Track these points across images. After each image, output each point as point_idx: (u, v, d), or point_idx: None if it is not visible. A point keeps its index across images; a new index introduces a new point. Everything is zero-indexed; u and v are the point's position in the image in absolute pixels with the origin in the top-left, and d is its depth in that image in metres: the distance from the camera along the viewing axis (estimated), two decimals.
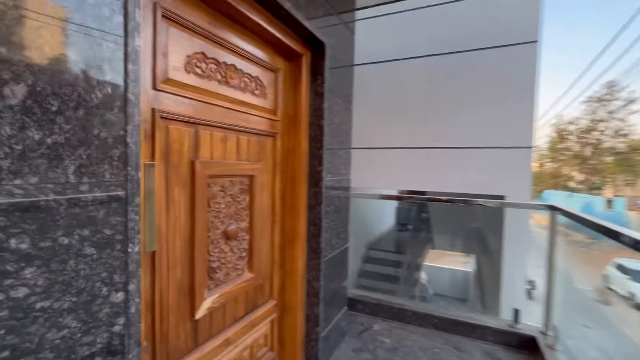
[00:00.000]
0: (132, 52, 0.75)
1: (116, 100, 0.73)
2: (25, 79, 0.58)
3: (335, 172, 1.99)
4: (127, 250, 0.76)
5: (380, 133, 3.29)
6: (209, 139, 1.25)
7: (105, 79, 0.71)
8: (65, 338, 0.66)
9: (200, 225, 1.21)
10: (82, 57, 0.66)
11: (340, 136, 2.03)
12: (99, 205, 0.70)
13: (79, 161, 0.66)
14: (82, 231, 0.68)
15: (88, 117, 0.68)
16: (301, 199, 1.78)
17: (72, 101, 0.65)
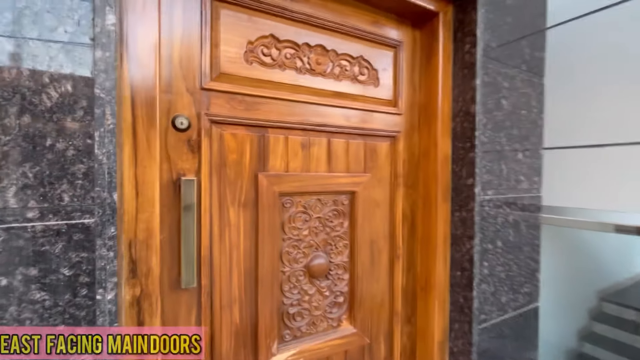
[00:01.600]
0: (100, 35, 0.56)
1: (79, 100, 0.56)
2: None
3: (505, 185, 1.24)
4: (94, 297, 0.57)
5: (605, 120, 1.95)
6: (283, 146, 0.96)
7: (62, 72, 0.54)
8: None
9: (268, 256, 0.93)
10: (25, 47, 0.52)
11: (516, 128, 1.26)
12: (53, 237, 0.54)
13: (22, 181, 0.52)
14: (28, 270, 0.53)
15: (36, 125, 0.53)
16: (439, 227, 1.18)
17: (13, 105, 0.51)
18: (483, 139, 1.14)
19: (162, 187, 0.79)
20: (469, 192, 1.14)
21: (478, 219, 1.13)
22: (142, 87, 0.68)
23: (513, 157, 1.25)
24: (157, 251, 0.71)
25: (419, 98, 1.23)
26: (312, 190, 1.01)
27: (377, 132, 1.13)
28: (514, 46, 1.24)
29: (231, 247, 0.89)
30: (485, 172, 1.16)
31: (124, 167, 0.67)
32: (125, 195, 0.67)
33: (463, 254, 1.16)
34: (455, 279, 1.20)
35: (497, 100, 1.19)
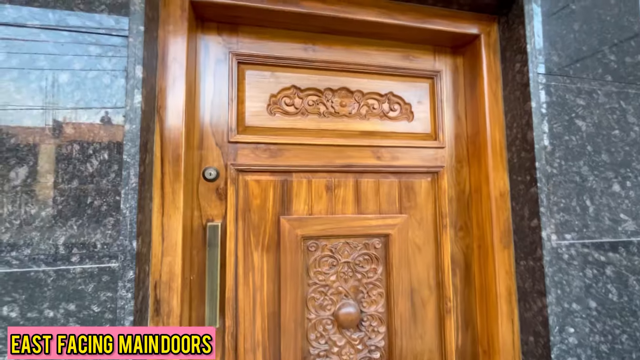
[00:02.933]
0: (129, 112, 0.70)
1: (112, 166, 0.69)
2: (27, 161, 0.66)
3: (595, 227, 0.96)
4: None
5: None
6: (306, 189, 0.97)
7: (102, 143, 0.69)
8: None
9: (292, 301, 0.92)
10: (77, 131, 0.68)
11: (605, 153, 1.00)
12: (88, 278, 0.66)
13: (69, 232, 0.66)
14: (68, 305, 0.65)
15: (82, 187, 0.67)
16: (500, 278, 0.98)
17: (67, 174, 0.67)
18: (549, 170, 0.94)
19: (192, 232, 0.88)
20: (534, 236, 0.93)
21: (551, 270, 0.90)
22: (170, 148, 0.81)
23: (605, 190, 0.98)
24: (178, 292, 0.79)
25: (465, 128, 1.10)
26: (338, 234, 0.98)
27: (413, 168, 1.04)
28: (589, 55, 1.02)
29: (255, 290, 0.92)
30: (559, 210, 0.93)
31: (154, 215, 0.79)
32: (153, 242, 0.78)
33: (534, 314, 0.93)
34: (528, 346, 0.95)
35: (569, 122, 0.97)
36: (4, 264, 0.63)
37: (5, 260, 0.63)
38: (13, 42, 0.67)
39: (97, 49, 0.71)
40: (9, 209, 0.64)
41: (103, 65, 0.71)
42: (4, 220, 0.64)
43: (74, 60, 0.69)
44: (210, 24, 0.95)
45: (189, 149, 0.87)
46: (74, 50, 0.70)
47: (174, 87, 0.82)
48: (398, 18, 0.98)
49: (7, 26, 0.67)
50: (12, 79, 0.66)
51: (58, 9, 0.69)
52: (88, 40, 0.71)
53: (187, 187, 0.85)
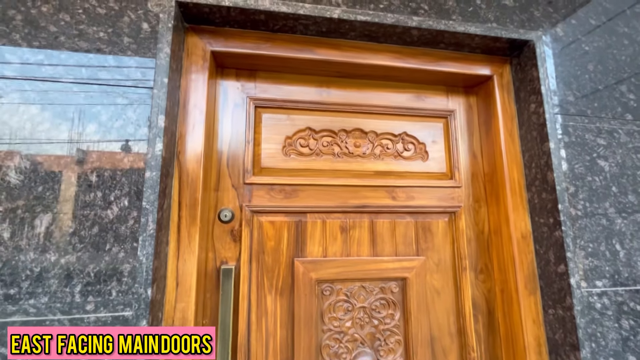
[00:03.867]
0: (151, 159, 0.72)
1: (132, 212, 0.70)
2: (52, 208, 0.68)
3: (628, 273, 0.91)
4: None
5: None
6: (320, 230, 0.96)
7: (123, 190, 0.71)
8: None
9: (306, 348, 0.89)
10: (101, 178, 0.70)
11: (632, 194, 0.96)
12: (101, 327, 0.65)
13: (86, 279, 0.67)
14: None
15: (101, 233, 0.68)
16: (527, 327, 0.92)
17: (88, 220, 0.68)
18: (574, 212, 0.90)
19: (206, 274, 0.88)
20: (562, 283, 0.87)
21: (584, 320, 0.84)
22: (188, 192, 0.82)
23: (635, 233, 0.93)
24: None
25: (482, 167, 1.08)
26: (353, 277, 0.95)
27: (429, 208, 1.02)
28: (607, 95, 1.01)
29: (267, 336, 0.89)
30: (587, 255, 0.89)
31: (169, 261, 0.79)
32: (167, 287, 0.78)
33: None
34: None
35: (591, 162, 0.95)
36: (22, 313, 0.63)
37: (23, 308, 0.64)
38: (48, 94, 0.72)
39: (124, 100, 0.75)
40: (31, 256, 0.65)
41: (128, 115, 0.74)
42: (25, 268, 0.65)
43: (102, 111, 0.73)
44: (230, 70, 0.99)
45: (206, 191, 0.88)
46: (102, 101, 0.74)
47: (194, 132, 0.85)
48: (410, 62, 1.01)
49: (44, 81, 0.72)
50: (44, 130, 0.70)
51: (91, 66, 0.74)
52: (116, 92, 0.75)
53: (203, 229, 0.85)
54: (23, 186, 0.67)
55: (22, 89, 0.70)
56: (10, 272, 0.64)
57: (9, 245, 0.65)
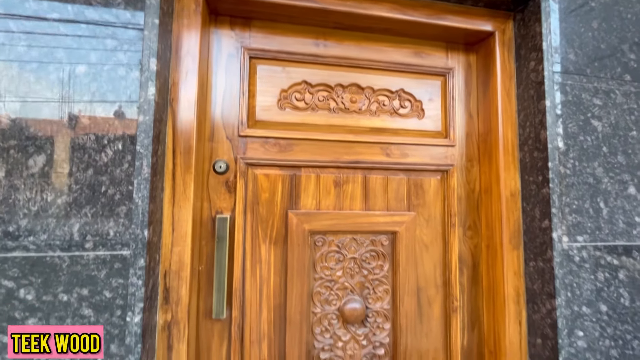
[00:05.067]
0: (143, 103, 0.72)
1: (126, 156, 0.71)
2: (45, 149, 0.68)
3: (608, 230, 0.94)
4: (125, 318, 0.68)
5: None
6: (314, 184, 0.98)
7: (116, 135, 0.70)
8: None
9: (298, 295, 0.93)
10: (93, 122, 0.70)
11: (622, 154, 0.97)
12: (100, 265, 0.68)
13: (84, 219, 0.68)
14: (82, 290, 0.67)
15: (96, 176, 0.69)
16: (508, 279, 0.97)
17: (82, 163, 0.69)
18: (563, 170, 0.92)
19: (202, 223, 0.90)
20: (545, 237, 0.91)
21: (562, 272, 0.89)
22: (182, 139, 0.82)
23: (620, 193, 0.96)
24: (187, 282, 0.80)
25: (477, 127, 1.09)
26: (345, 229, 0.98)
27: (422, 166, 1.04)
28: (608, 54, 0.99)
29: (261, 283, 0.93)
30: (571, 212, 0.92)
31: (165, 205, 0.80)
32: (164, 231, 0.80)
33: (543, 316, 0.92)
34: (535, 349, 0.94)
35: (585, 122, 0.95)
36: (22, 249, 0.65)
37: (23, 245, 0.66)
38: (33, 35, 0.69)
39: (113, 42, 0.72)
40: (27, 195, 0.66)
41: (118, 58, 0.72)
42: (22, 207, 0.66)
43: (91, 53, 0.71)
44: (223, 18, 0.96)
45: (200, 141, 0.88)
46: (91, 44, 0.72)
47: (187, 80, 0.83)
48: (410, 14, 0.97)
49: (29, 19, 0.69)
50: (31, 70, 0.68)
51: (77, 3, 0.71)
52: (105, 34, 0.72)
53: (198, 179, 0.86)
54: (14, 126, 0.67)
55: (7, 30, 0.68)
56: (8, 210, 0.66)
57: (5, 184, 0.66)
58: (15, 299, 0.65)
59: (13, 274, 0.65)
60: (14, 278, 0.65)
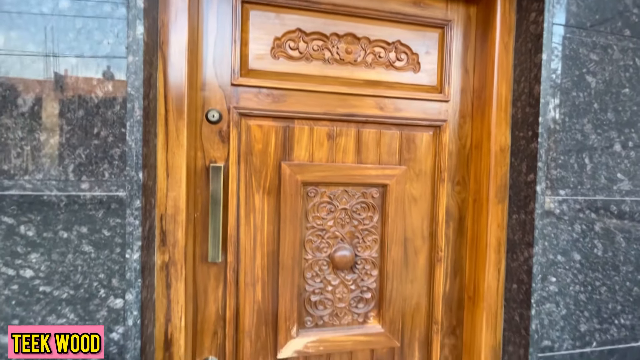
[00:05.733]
0: (132, 43, 0.70)
1: (117, 97, 0.70)
2: (33, 88, 0.67)
3: (590, 185, 0.98)
4: (125, 255, 0.71)
5: None
6: (307, 136, 0.98)
7: (105, 75, 0.69)
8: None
9: (290, 242, 0.97)
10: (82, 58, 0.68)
11: (612, 112, 0.98)
12: (97, 205, 0.70)
13: (78, 160, 0.69)
14: (81, 228, 0.70)
15: (88, 117, 0.69)
16: (491, 231, 1.02)
17: (72, 103, 0.68)
18: (552, 125, 0.93)
19: (196, 172, 0.91)
20: (529, 191, 0.95)
21: (541, 222, 0.93)
22: (174, 85, 0.81)
23: (605, 150, 0.98)
24: (183, 226, 0.83)
25: (472, 82, 1.08)
26: (337, 181, 1.00)
27: (415, 121, 1.04)
28: (610, 7, 0.97)
29: (255, 230, 0.96)
30: (557, 166, 0.95)
31: (158, 151, 0.81)
32: (158, 176, 0.81)
33: (520, 263, 0.98)
34: (510, 293, 1.01)
35: (579, 77, 0.95)
36: (19, 187, 0.67)
37: (19, 184, 0.67)
38: None
39: None
40: (19, 134, 0.66)
41: None
42: (15, 146, 0.66)
43: None
44: None
45: (192, 90, 0.87)
46: None
47: (177, 22, 0.80)
48: None
49: None
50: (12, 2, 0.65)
51: None
52: None
53: (191, 127, 0.86)
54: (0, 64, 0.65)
55: None
56: (1, 149, 0.66)
57: None
58: (17, 235, 0.67)
59: (12, 211, 0.66)
60: (13, 215, 0.67)
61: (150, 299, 0.80)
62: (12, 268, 0.67)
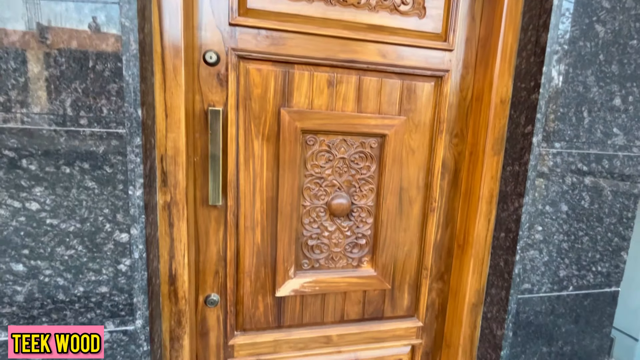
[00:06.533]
0: None
1: (110, 29, 0.67)
2: (24, 17, 0.64)
3: (585, 138, 0.99)
4: (127, 192, 0.73)
5: None
6: (307, 82, 0.96)
7: (97, 5, 0.66)
8: (73, 258, 0.73)
9: (289, 189, 1.00)
10: None
11: (617, 64, 0.97)
12: (98, 141, 0.70)
13: (75, 95, 0.68)
14: (83, 164, 0.70)
15: (81, 49, 0.67)
16: (485, 183, 1.05)
17: (65, 33, 0.66)
18: (556, 76, 0.92)
19: (195, 115, 0.91)
20: (524, 143, 0.96)
21: (533, 174, 0.96)
22: (169, 22, 0.78)
23: (605, 103, 0.98)
24: (183, 167, 0.84)
25: (478, 31, 1.04)
26: (336, 130, 1.00)
27: (417, 70, 1.02)
28: None
29: (255, 176, 0.98)
30: (555, 119, 0.95)
31: (156, 90, 0.79)
32: (157, 116, 0.81)
33: (510, 213, 1.02)
34: (498, 241, 1.07)
35: (588, 26, 0.93)
36: (17, 121, 0.66)
37: (17, 117, 0.66)
38: None
39: None
40: (12, 65, 0.64)
41: None
42: (9, 77, 0.65)
43: None
44: None
45: (188, 29, 0.83)
46: None
47: None
48: None
49: None
50: None
51: None
52: None
53: (188, 68, 0.84)
54: None
55: None
56: None
57: None
58: (19, 168, 0.68)
59: (12, 144, 0.66)
60: (14, 149, 0.67)
61: (154, 235, 0.83)
62: (17, 200, 0.68)
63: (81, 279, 0.74)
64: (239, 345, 1.06)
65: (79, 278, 0.74)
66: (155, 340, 0.87)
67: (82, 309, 0.75)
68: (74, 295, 0.74)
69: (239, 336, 1.06)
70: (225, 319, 1.04)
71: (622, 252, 1.10)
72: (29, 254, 0.71)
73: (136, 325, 0.78)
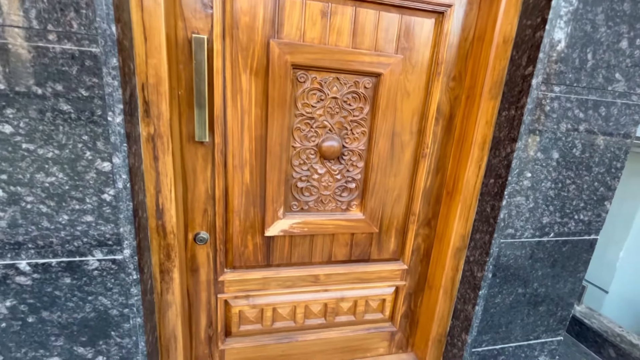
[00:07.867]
0: None
1: None
2: None
3: (586, 82, 0.96)
4: (107, 118, 0.69)
5: None
6: (299, 12, 0.89)
7: None
8: (55, 185, 0.72)
9: (278, 128, 0.97)
10: None
11: (629, 1, 0.91)
12: (70, 60, 0.65)
13: (40, 5, 0.61)
14: (55, 85, 0.66)
15: None
16: (479, 129, 1.03)
17: None
18: (564, 11, 0.87)
19: (177, 44, 0.84)
20: (524, 85, 0.92)
21: (530, 118, 0.94)
22: None
23: (611, 45, 0.94)
24: (166, 98, 0.80)
25: None
26: (329, 66, 0.95)
27: (419, 4, 0.95)
28: None
29: (242, 113, 0.94)
30: (558, 60, 0.91)
31: (132, 8, 0.73)
32: (135, 38, 0.75)
33: (501, 159, 1.01)
34: (487, 187, 1.07)
35: None
36: None
37: None
38: None
39: None
40: None
41: None
42: None
43: None
44: None
45: None
46: None
47: None
48: None
49: None
50: None
51: None
52: None
53: None
54: None
55: None
56: None
57: None
58: None
59: None
60: None
61: (139, 167, 0.81)
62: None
63: (65, 207, 0.73)
64: (228, 281, 1.10)
65: (62, 206, 0.73)
66: (145, 271, 0.88)
67: (69, 237, 0.75)
68: (59, 223, 0.74)
69: (228, 273, 1.10)
70: (215, 257, 1.06)
71: (605, 202, 1.12)
72: (7, 179, 0.69)
73: (124, 255, 0.79)
